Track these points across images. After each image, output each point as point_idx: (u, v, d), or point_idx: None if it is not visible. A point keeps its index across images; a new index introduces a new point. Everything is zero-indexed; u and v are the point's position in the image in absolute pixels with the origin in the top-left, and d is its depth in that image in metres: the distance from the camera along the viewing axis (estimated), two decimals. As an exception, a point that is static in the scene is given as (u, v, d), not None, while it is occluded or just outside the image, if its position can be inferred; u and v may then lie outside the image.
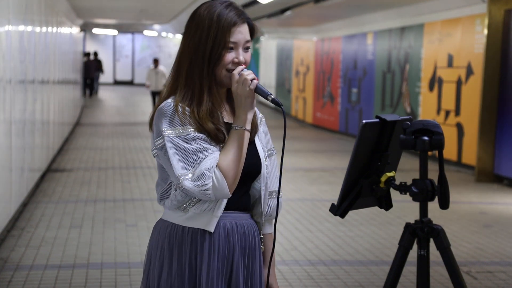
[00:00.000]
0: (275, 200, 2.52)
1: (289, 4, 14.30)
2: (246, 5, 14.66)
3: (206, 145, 2.27)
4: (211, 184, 2.22)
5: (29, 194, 8.19)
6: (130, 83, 36.37)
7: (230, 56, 2.33)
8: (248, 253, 2.39)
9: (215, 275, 2.31)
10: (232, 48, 2.33)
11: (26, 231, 6.69)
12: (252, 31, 2.40)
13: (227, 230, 2.35)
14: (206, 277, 2.30)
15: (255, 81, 2.30)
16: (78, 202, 8.13)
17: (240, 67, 2.32)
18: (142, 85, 35.15)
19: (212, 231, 2.31)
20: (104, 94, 29.71)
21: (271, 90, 24.37)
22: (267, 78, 25.26)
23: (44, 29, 9.85)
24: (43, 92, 9.72)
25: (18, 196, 7.21)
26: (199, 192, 2.23)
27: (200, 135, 2.28)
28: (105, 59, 35.95)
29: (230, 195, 2.28)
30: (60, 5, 13.36)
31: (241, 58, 2.34)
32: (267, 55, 26.09)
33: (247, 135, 2.30)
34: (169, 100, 2.32)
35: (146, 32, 32.70)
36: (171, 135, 2.26)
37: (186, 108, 2.30)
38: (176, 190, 2.33)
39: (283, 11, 15.27)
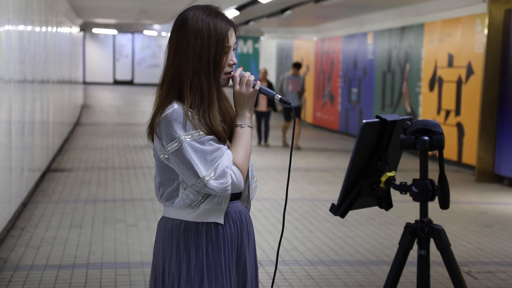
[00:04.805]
0: (255, 183, 2.64)
1: (289, 4, 14.30)
2: (246, 5, 14.66)
3: (218, 145, 2.41)
4: (230, 180, 2.38)
5: (29, 194, 8.19)
6: (130, 83, 36.37)
7: (226, 60, 2.49)
8: (248, 236, 2.58)
9: (231, 262, 2.49)
10: (227, 52, 2.49)
11: (26, 231, 6.69)
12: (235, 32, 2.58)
13: (233, 218, 2.52)
14: (225, 264, 2.46)
15: (259, 82, 2.47)
16: (78, 202, 8.13)
17: (239, 69, 2.49)
18: (141, 85, 35.17)
19: (223, 223, 2.47)
20: (104, 94, 29.71)
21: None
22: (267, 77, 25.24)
23: (44, 29, 9.84)
24: (43, 91, 9.71)
25: (18, 196, 7.20)
26: (220, 189, 2.36)
27: (211, 136, 2.41)
28: (105, 59, 35.96)
29: (243, 188, 2.47)
30: (60, 5, 13.36)
31: (235, 59, 2.52)
32: (267, 55, 26.09)
33: (251, 132, 2.48)
34: (176, 106, 2.40)
35: (146, 32, 32.68)
36: (188, 139, 2.37)
37: (195, 115, 2.41)
38: (185, 189, 2.43)
39: (283, 11, 15.27)
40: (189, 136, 2.36)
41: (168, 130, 2.37)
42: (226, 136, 2.45)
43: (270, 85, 14.64)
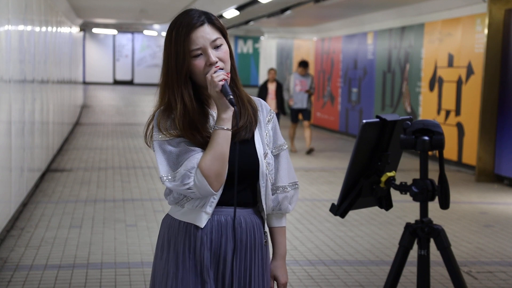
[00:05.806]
0: (283, 194, 2.59)
1: (289, 4, 14.29)
2: (246, 5, 14.65)
3: (192, 147, 2.39)
4: (192, 183, 2.35)
5: (29, 194, 8.19)
6: (130, 82, 36.37)
7: (201, 62, 2.40)
8: (246, 246, 2.49)
9: (209, 264, 2.45)
10: (200, 54, 2.40)
11: (26, 231, 6.69)
12: (219, 28, 2.45)
13: (221, 224, 2.46)
14: (200, 267, 2.45)
15: (220, 83, 2.35)
16: (78, 202, 8.13)
17: (213, 70, 2.38)
18: (141, 85, 35.17)
19: (202, 226, 2.44)
20: (104, 94, 29.70)
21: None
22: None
23: (43, 28, 9.84)
24: (43, 92, 9.71)
25: (17, 196, 7.20)
26: (182, 191, 2.38)
27: (182, 138, 2.41)
28: (105, 58, 35.96)
29: (216, 193, 2.39)
30: (60, 5, 13.35)
31: (213, 59, 2.39)
32: (267, 55, 26.08)
33: (226, 134, 2.38)
34: (161, 109, 2.48)
35: (146, 32, 32.69)
36: (159, 139, 2.42)
37: (171, 117, 2.43)
38: None
39: (283, 10, 15.27)
40: (160, 137, 2.41)
41: (152, 131, 2.48)
42: (198, 141, 2.40)
43: (279, 86, 13.73)
